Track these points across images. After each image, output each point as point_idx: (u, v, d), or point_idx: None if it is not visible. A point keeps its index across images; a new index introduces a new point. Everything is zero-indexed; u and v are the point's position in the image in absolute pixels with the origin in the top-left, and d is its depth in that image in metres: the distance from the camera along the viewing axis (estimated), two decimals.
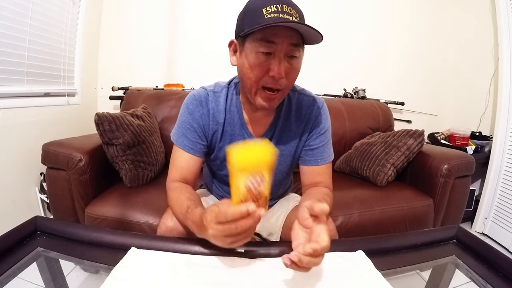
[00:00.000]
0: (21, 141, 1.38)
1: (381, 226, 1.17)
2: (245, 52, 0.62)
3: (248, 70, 0.62)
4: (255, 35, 0.59)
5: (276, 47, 0.59)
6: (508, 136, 1.66)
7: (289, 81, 0.64)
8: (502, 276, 0.58)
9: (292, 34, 0.58)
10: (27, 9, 1.35)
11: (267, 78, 0.62)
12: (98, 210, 1.06)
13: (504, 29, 1.67)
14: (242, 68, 0.64)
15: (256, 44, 0.60)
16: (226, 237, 0.47)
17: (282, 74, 0.60)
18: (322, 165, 0.78)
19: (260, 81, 0.62)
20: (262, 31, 0.58)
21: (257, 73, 0.61)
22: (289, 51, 0.60)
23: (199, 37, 1.99)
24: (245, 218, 0.44)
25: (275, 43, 0.58)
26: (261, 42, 0.59)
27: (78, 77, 1.78)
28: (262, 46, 0.59)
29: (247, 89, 0.66)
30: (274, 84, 0.62)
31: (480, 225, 1.77)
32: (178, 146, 0.73)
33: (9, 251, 0.56)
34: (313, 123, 0.77)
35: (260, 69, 0.61)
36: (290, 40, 0.59)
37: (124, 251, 0.55)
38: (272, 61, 0.60)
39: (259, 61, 0.60)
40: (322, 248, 0.45)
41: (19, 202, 1.39)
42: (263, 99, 0.65)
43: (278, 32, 0.58)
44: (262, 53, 0.60)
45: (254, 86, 0.63)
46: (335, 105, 1.71)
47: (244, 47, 0.62)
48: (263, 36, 0.58)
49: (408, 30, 2.13)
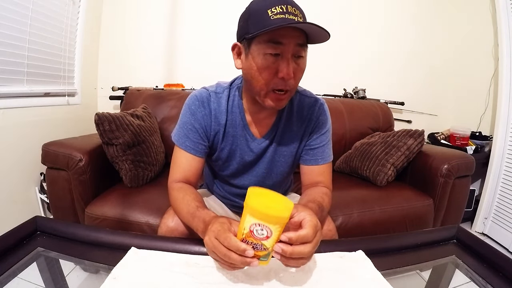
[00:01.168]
0: (21, 141, 1.38)
1: (381, 226, 1.17)
2: (252, 54, 0.62)
3: (257, 73, 0.62)
4: (262, 37, 0.59)
5: (283, 48, 0.59)
6: (508, 136, 1.66)
7: (296, 81, 0.64)
8: (502, 276, 0.58)
9: (299, 34, 0.59)
10: (27, 9, 1.35)
11: (277, 80, 0.62)
12: (98, 210, 1.06)
13: (504, 29, 1.67)
14: (250, 71, 0.63)
15: (264, 46, 0.60)
16: (212, 252, 0.48)
17: (291, 74, 0.60)
18: (322, 165, 0.78)
19: (270, 83, 0.62)
20: (269, 32, 0.58)
21: (266, 75, 0.62)
22: (296, 51, 0.60)
23: (199, 37, 1.99)
24: (237, 255, 0.45)
25: (283, 44, 0.59)
26: (269, 43, 0.59)
27: (78, 77, 1.78)
28: (270, 48, 0.59)
29: (255, 91, 0.66)
30: (284, 85, 0.62)
31: (480, 225, 1.77)
32: (179, 147, 0.73)
33: (9, 251, 0.56)
34: (314, 123, 0.77)
35: (269, 71, 0.61)
36: (297, 40, 0.59)
37: (124, 251, 0.55)
38: (281, 62, 0.60)
39: (267, 63, 0.60)
40: (298, 236, 0.46)
41: (19, 202, 1.39)
42: (273, 100, 0.65)
43: (285, 33, 0.58)
44: (270, 55, 0.60)
45: (264, 89, 0.63)
46: (335, 105, 1.71)
47: (250, 50, 0.62)
48: (270, 38, 0.58)
49: (408, 30, 2.13)
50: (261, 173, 0.80)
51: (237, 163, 0.79)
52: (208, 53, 1.98)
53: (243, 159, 0.78)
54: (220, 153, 0.77)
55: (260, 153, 0.77)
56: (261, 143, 0.76)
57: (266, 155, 0.78)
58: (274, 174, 0.81)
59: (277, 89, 0.63)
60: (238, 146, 0.76)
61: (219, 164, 0.81)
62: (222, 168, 0.82)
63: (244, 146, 0.76)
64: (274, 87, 0.63)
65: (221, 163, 0.80)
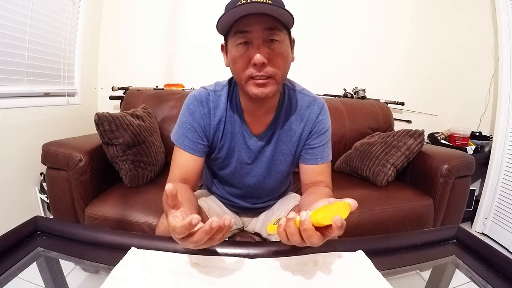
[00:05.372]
0: (21, 141, 1.38)
1: (381, 226, 1.17)
2: (229, 49, 0.65)
3: (234, 65, 0.64)
4: (232, 30, 0.61)
5: (250, 35, 0.60)
6: (508, 136, 1.66)
7: (276, 67, 0.63)
8: (502, 276, 0.58)
9: (265, 19, 0.59)
10: (27, 9, 1.35)
11: (251, 67, 0.62)
12: (98, 210, 1.06)
13: (504, 29, 1.67)
14: (230, 64, 0.66)
15: (234, 38, 0.62)
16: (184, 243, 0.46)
17: (263, 59, 0.60)
18: (321, 164, 0.78)
19: (245, 71, 0.63)
20: (235, 24, 0.60)
21: (241, 65, 0.63)
22: (266, 35, 0.61)
23: (199, 37, 1.99)
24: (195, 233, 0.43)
25: (248, 31, 0.60)
26: (237, 34, 0.61)
27: (78, 77, 1.78)
28: (239, 38, 0.61)
29: (240, 84, 0.67)
30: (259, 71, 0.62)
31: (480, 225, 1.77)
32: (178, 147, 0.73)
33: (9, 251, 0.56)
34: (314, 122, 0.77)
35: (242, 60, 0.62)
36: (263, 25, 0.60)
37: (124, 251, 0.55)
38: (251, 49, 0.61)
39: (240, 53, 0.62)
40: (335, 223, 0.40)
41: (19, 202, 1.39)
42: (253, 87, 0.64)
43: (250, 21, 0.59)
44: (241, 45, 0.61)
45: (243, 79, 0.64)
46: (335, 105, 1.71)
47: (228, 45, 0.65)
48: (237, 28, 0.60)
49: (408, 30, 2.13)
50: (261, 172, 0.80)
51: (236, 161, 0.79)
52: (208, 53, 1.98)
53: (241, 157, 0.78)
54: (220, 151, 0.77)
55: (258, 151, 0.77)
56: (258, 140, 0.76)
57: (265, 153, 0.78)
58: (274, 173, 0.81)
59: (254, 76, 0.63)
60: (236, 143, 0.76)
61: (218, 162, 0.81)
62: (221, 167, 0.82)
63: (242, 143, 0.76)
64: (250, 74, 0.63)
65: (220, 162, 0.80)
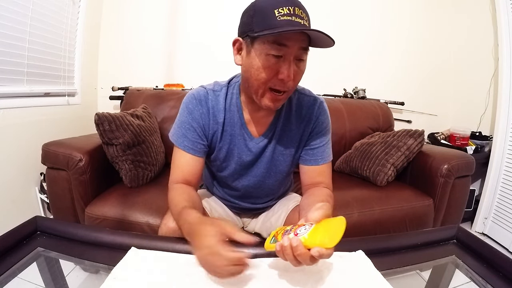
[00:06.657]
0: (21, 141, 1.38)
1: (381, 226, 1.17)
2: (254, 52, 0.61)
3: (257, 72, 0.62)
4: (266, 37, 0.59)
5: (287, 50, 0.59)
6: (508, 136, 1.66)
7: (295, 83, 0.65)
8: (502, 276, 0.58)
9: (303, 38, 0.59)
10: (27, 9, 1.35)
11: (276, 80, 0.62)
12: (98, 210, 1.06)
13: (504, 29, 1.67)
14: (250, 68, 0.63)
15: (267, 46, 0.59)
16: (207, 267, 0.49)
17: (292, 77, 0.61)
18: (322, 165, 0.78)
19: (268, 82, 0.62)
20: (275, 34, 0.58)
21: (266, 75, 0.61)
22: (298, 54, 0.61)
23: (199, 37, 1.99)
24: (233, 266, 0.46)
25: (287, 46, 0.59)
26: (273, 45, 0.59)
27: (78, 77, 1.78)
28: (274, 49, 0.59)
29: (253, 90, 0.65)
30: (282, 86, 0.62)
31: (480, 225, 1.77)
32: (178, 147, 0.73)
33: (9, 251, 0.56)
34: (314, 123, 0.77)
35: (269, 71, 0.61)
36: (301, 44, 0.59)
37: (124, 251, 0.55)
38: (282, 64, 0.60)
39: (269, 64, 0.60)
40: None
41: (19, 202, 1.39)
42: (269, 100, 0.65)
43: (291, 36, 0.58)
44: (272, 56, 0.60)
45: (261, 88, 0.63)
46: (335, 105, 1.71)
47: (253, 48, 0.61)
48: (275, 39, 0.58)
49: (408, 30, 2.13)
50: (261, 173, 0.80)
51: (235, 163, 0.78)
52: (209, 53, 1.98)
53: (241, 158, 0.77)
54: (218, 152, 0.77)
55: (258, 152, 0.77)
56: (259, 142, 0.76)
57: (265, 154, 0.78)
58: (273, 174, 0.81)
59: (275, 89, 0.63)
60: (236, 145, 0.76)
61: (217, 164, 0.80)
62: (220, 169, 0.81)
63: (242, 145, 0.76)
64: (272, 86, 0.63)
65: (219, 163, 0.79)
